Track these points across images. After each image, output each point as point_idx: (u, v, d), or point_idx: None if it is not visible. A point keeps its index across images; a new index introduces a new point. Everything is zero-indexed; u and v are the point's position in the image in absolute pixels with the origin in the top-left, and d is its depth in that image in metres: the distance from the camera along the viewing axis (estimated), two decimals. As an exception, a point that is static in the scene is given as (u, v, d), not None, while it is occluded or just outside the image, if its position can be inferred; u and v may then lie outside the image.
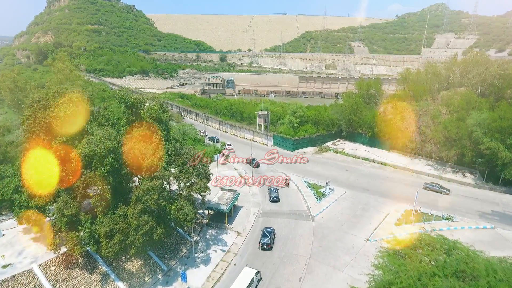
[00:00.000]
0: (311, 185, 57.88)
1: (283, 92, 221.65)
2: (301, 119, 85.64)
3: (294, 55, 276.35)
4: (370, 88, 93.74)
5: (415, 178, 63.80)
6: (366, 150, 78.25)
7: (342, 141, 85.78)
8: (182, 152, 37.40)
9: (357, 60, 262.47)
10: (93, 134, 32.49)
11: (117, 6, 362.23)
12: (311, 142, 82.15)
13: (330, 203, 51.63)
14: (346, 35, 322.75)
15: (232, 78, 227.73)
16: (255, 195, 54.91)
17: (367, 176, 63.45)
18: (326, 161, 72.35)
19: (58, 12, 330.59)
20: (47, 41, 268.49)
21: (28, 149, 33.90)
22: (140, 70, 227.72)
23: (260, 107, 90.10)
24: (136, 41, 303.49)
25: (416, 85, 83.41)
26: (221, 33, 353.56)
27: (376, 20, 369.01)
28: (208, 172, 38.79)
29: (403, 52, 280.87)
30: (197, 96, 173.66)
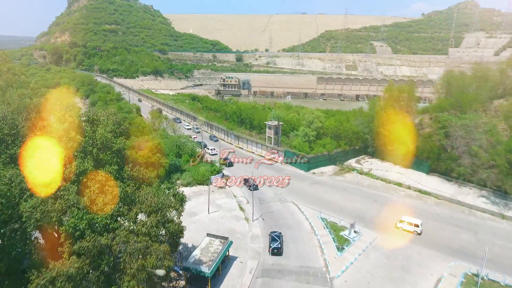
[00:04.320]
0: (330, 225, 44.45)
1: (300, 93, 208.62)
2: (319, 131, 72.13)
3: (313, 55, 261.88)
4: (402, 94, 78.73)
5: (466, 215, 49.11)
6: (399, 172, 63.65)
7: (368, 159, 71.42)
8: (136, 199, 25.16)
9: (380, 61, 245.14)
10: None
11: (134, 6, 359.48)
12: (331, 160, 68.40)
13: (356, 256, 38.09)
14: (368, 34, 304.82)
15: (247, 79, 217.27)
16: (256, 238, 41.89)
17: (401, 210, 49.07)
18: (348, 187, 58.49)
19: (77, 12, 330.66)
20: (64, 41, 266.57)
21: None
22: (154, 71, 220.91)
23: (271, 116, 77.15)
24: (152, 41, 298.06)
25: (462, 92, 67.83)
26: (238, 32, 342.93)
27: (400, 19, 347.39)
28: (178, 230, 26.32)
29: (429, 52, 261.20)
30: (209, 98, 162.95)
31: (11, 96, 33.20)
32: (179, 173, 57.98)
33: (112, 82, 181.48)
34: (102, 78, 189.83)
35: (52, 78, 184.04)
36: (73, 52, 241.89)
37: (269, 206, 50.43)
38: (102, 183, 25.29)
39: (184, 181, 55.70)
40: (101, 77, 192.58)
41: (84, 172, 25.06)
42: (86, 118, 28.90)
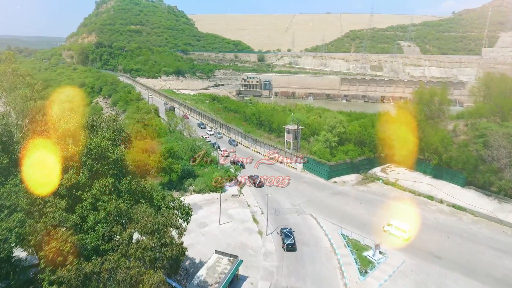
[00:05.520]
0: (352, 243, 40.25)
1: (322, 94, 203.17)
2: (341, 137, 67.53)
3: (337, 55, 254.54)
4: (434, 98, 72.64)
5: (509, 236, 43.30)
6: (430, 184, 58.06)
7: (395, 167, 66.04)
8: (132, 217, 22.37)
9: (407, 61, 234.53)
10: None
11: (159, 6, 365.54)
12: (353, 167, 63.71)
13: (381, 281, 33.77)
14: (395, 34, 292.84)
15: (269, 79, 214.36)
16: (269, 255, 38.39)
17: (435, 230, 44.16)
18: (372, 198, 53.75)
19: (105, 13, 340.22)
20: (90, 42, 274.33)
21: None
22: (176, 70, 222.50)
23: (290, 119, 73.26)
24: (175, 41, 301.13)
25: (504, 96, 61.15)
26: (260, 32, 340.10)
27: (429, 18, 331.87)
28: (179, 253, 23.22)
29: (460, 52, 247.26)
30: (229, 99, 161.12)
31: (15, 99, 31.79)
32: (192, 178, 55.44)
33: (134, 82, 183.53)
34: (125, 78, 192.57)
35: (77, 78, 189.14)
36: (99, 52, 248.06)
37: (285, 218, 46.79)
38: (96, 197, 22.85)
39: (196, 187, 53.09)
40: (124, 77, 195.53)
41: (76, 185, 22.59)
42: (86, 124, 26.54)
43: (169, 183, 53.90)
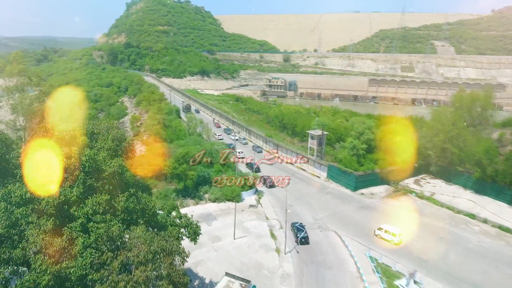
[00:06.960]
0: (382, 268, 35.52)
1: (349, 96, 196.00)
2: (370, 144, 62.29)
3: (365, 55, 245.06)
4: (476, 103, 65.64)
5: None
6: (471, 200, 51.67)
7: (430, 179, 59.90)
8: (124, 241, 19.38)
9: (440, 62, 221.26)
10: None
11: (186, 7, 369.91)
12: (383, 178, 58.33)
13: (415, 319, 29.12)
14: (428, 33, 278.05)
15: (294, 80, 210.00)
16: (287, 278, 34.43)
17: (480, 257, 38.40)
18: (405, 215, 48.38)
19: (134, 14, 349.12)
20: (120, 42, 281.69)
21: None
22: (201, 71, 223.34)
23: (315, 123, 68.79)
24: (201, 42, 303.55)
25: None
26: (286, 32, 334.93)
27: (466, 16, 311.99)
28: (180, 284, 20.01)
29: (500, 52, 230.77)
30: (253, 100, 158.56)
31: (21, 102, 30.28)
32: (208, 185, 52.54)
33: (159, 82, 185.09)
34: (150, 78, 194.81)
35: (106, 77, 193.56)
36: (127, 52, 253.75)
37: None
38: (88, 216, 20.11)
39: (212, 196, 50.12)
40: (149, 77, 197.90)
41: (66, 202, 19.95)
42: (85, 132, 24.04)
43: (184, 189, 51.37)
